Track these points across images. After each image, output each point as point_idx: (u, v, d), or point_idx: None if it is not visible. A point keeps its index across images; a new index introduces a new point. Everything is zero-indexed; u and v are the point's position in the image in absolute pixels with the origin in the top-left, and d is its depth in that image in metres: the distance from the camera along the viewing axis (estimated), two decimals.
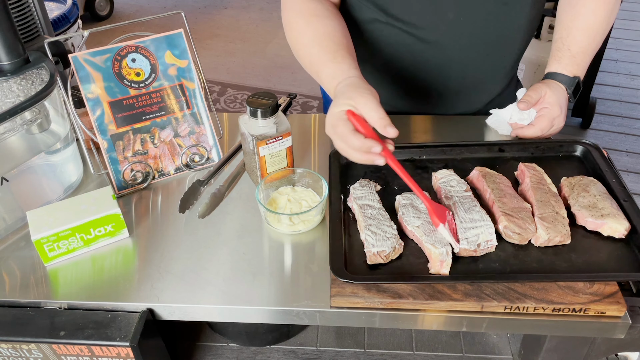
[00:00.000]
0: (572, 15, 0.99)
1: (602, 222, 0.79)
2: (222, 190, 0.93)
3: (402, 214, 0.82)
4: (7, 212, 0.86)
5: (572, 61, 0.99)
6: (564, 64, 1.00)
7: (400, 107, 0.80)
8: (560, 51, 1.00)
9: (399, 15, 0.98)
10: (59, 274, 0.80)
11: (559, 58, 1.00)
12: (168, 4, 4.47)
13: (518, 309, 0.71)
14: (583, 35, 0.98)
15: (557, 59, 1.00)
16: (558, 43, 1.01)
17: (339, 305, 0.73)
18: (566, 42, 0.99)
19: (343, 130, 0.77)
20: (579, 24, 0.98)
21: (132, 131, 0.94)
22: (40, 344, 0.72)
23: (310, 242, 0.84)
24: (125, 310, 0.75)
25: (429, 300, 0.71)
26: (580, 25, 0.98)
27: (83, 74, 0.88)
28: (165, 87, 0.94)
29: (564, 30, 1.00)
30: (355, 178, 0.91)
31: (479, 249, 0.76)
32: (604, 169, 0.89)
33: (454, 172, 0.89)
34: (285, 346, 1.03)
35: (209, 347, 1.03)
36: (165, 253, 0.82)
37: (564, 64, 1.00)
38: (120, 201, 0.90)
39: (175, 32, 0.93)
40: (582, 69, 1.00)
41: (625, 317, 0.71)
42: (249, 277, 0.78)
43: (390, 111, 1.13)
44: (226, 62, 3.57)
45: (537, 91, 0.98)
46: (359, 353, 1.01)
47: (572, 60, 0.99)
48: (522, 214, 0.80)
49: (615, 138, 2.71)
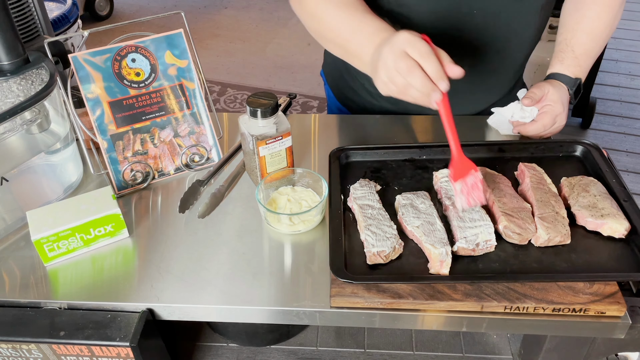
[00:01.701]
0: (577, 18, 1.00)
1: (602, 222, 0.79)
2: (222, 190, 0.93)
3: (401, 214, 0.82)
4: (7, 212, 0.86)
5: (574, 62, 1.00)
6: (567, 65, 1.01)
7: (405, 104, 0.80)
8: (564, 52, 1.01)
9: (414, 5, 0.96)
10: (58, 274, 0.80)
11: (561, 59, 1.01)
12: (168, 4, 4.47)
13: (518, 309, 0.71)
14: (587, 37, 1.00)
15: (560, 60, 1.01)
16: (562, 45, 1.02)
17: (339, 305, 0.73)
18: (570, 44, 1.00)
19: (422, 48, 0.73)
20: (583, 26, 0.99)
21: (132, 131, 0.94)
22: (40, 344, 0.72)
23: (310, 242, 0.84)
24: (125, 310, 0.75)
25: (429, 300, 0.71)
26: (584, 28, 0.99)
27: (83, 74, 0.88)
28: (165, 87, 0.94)
29: (568, 32, 1.01)
30: (355, 178, 0.91)
31: (478, 249, 0.76)
32: (604, 169, 0.89)
33: None
34: (285, 346, 1.03)
35: (209, 347, 1.03)
36: (165, 253, 0.82)
37: (567, 64, 1.01)
38: (120, 201, 0.90)
39: (175, 32, 0.93)
40: (584, 70, 1.01)
41: (625, 317, 0.71)
42: (249, 277, 0.78)
43: (394, 111, 1.14)
44: (226, 62, 3.57)
45: (540, 89, 0.99)
46: (359, 353, 1.01)
47: (575, 62, 1.00)
48: (522, 214, 0.80)
49: (615, 138, 2.71)
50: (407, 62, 0.74)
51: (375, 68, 0.80)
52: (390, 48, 0.76)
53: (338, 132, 1.09)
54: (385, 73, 0.77)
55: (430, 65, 0.73)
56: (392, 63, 0.76)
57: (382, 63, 0.77)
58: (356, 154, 0.97)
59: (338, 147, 0.97)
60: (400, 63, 0.74)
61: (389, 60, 0.76)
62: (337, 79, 1.21)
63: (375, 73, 0.80)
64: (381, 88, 0.81)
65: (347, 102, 1.21)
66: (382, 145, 0.98)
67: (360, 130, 1.10)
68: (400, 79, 0.76)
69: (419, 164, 0.96)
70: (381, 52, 0.78)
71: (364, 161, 0.96)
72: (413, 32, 0.76)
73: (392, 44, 0.76)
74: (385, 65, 0.77)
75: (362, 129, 1.11)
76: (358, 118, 1.14)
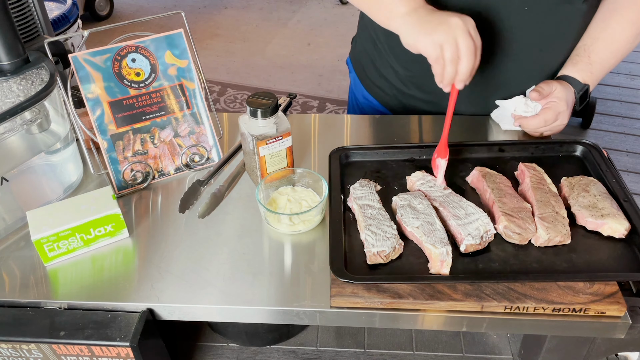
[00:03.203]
0: (601, 28, 1.00)
1: (602, 222, 0.79)
2: (222, 190, 0.93)
3: (400, 215, 0.82)
4: (7, 212, 0.86)
5: (587, 68, 1.00)
6: (579, 69, 1.01)
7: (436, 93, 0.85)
8: (579, 56, 1.01)
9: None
10: (59, 274, 0.80)
11: (575, 62, 1.01)
12: (168, 4, 4.47)
13: (518, 309, 0.71)
14: (606, 47, 1.00)
15: (574, 63, 1.02)
16: (580, 49, 1.02)
17: (339, 305, 0.73)
18: (588, 50, 1.01)
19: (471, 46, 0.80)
20: (605, 36, 0.99)
21: (132, 131, 0.94)
22: (40, 344, 0.72)
23: (310, 242, 0.84)
24: (125, 310, 0.75)
25: (429, 300, 0.71)
26: (606, 38, 1.00)
27: (83, 74, 0.88)
28: (165, 87, 0.94)
29: (589, 39, 1.01)
30: (355, 178, 0.91)
31: (483, 241, 0.77)
32: (604, 169, 0.89)
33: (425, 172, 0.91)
34: (285, 346, 1.03)
35: (209, 347, 1.03)
36: (165, 253, 0.82)
37: (579, 68, 1.01)
38: (120, 201, 0.90)
39: (175, 32, 0.93)
40: (595, 78, 1.01)
41: (625, 317, 0.71)
42: (249, 277, 0.78)
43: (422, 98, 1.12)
44: (226, 62, 3.57)
45: (549, 85, 1.00)
46: (359, 353, 1.01)
47: (588, 67, 1.00)
48: (522, 214, 0.80)
49: (615, 138, 2.71)
50: (452, 50, 0.80)
51: (419, 22, 0.84)
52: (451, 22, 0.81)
53: (338, 132, 1.09)
54: (430, 37, 0.82)
55: (465, 66, 0.81)
56: (440, 37, 0.81)
57: (432, 26, 0.82)
58: (356, 154, 0.97)
59: (338, 147, 0.97)
60: (447, 46, 0.80)
61: (440, 34, 0.81)
62: (366, 66, 1.21)
63: (416, 28, 0.84)
64: (410, 42, 0.85)
65: (374, 89, 1.21)
66: (382, 145, 0.98)
67: (360, 130, 1.10)
68: (436, 53, 0.81)
69: (419, 164, 0.96)
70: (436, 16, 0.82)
71: (364, 161, 0.96)
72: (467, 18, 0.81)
73: (453, 19, 0.81)
74: (433, 34, 0.81)
75: (362, 129, 1.11)
76: (358, 118, 1.14)
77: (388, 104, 1.20)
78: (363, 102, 1.25)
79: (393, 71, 1.13)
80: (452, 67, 0.82)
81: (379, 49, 1.14)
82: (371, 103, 1.23)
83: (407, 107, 1.16)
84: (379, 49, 1.14)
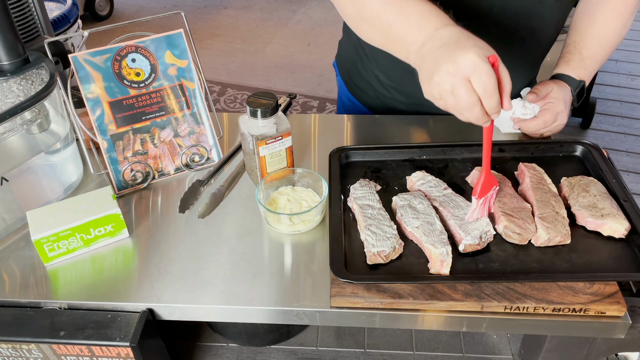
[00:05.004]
0: (588, 22, 1.01)
1: (602, 222, 0.79)
2: (222, 190, 0.93)
3: (400, 215, 0.82)
4: (7, 212, 0.86)
5: (580, 64, 1.01)
6: (572, 66, 1.01)
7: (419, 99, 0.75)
8: (571, 54, 1.02)
9: None
10: (59, 274, 0.80)
11: (568, 60, 1.02)
12: (168, 4, 4.47)
13: (518, 309, 0.71)
14: (596, 42, 1.00)
15: (567, 61, 1.02)
16: (570, 47, 1.02)
17: (339, 305, 0.73)
18: (578, 46, 1.01)
19: (488, 82, 0.66)
20: (593, 30, 1.00)
21: (132, 131, 0.94)
22: (40, 344, 0.72)
23: (310, 242, 0.84)
24: (125, 310, 0.75)
25: (429, 300, 0.71)
26: (594, 32, 1.00)
27: (83, 74, 0.88)
28: (165, 87, 0.94)
29: (577, 35, 1.02)
30: (355, 178, 0.91)
31: (482, 242, 0.77)
32: (604, 169, 0.89)
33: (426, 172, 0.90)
34: (285, 346, 1.03)
35: (209, 347, 1.03)
36: (165, 253, 0.82)
37: (572, 66, 1.01)
38: (120, 201, 0.90)
39: (175, 32, 0.93)
40: (589, 73, 1.02)
41: (625, 317, 0.71)
42: (249, 277, 0.78)
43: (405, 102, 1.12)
44: (226, 62, 3.57)
45: (545, 86, 1.00)
46: (359, 353, 1.01)
47: (581, 64, 1.01)
48: (522, 214, 0.80)
49: (615, 138, 2.71)
50: (469, 95, 0.68)
51: (427, 72, 0.72)
52: (452, 68, 0.68)
53: (338, 132, 1.09)
54: (438, 90, 0.71)
55: (491, 102, 0.68)
56: (448, 86, 0.69)
57: (437, 79, 0.70)
58: (356, 154, 0.97)
59: (338, 147, 0.97)
60: (462, 93, 0.68)
61: (446, 83, 0.69)
62: (350, 70, 1.21)
63: (427, 79, 0.72)
64: (426, 92, 0.74)
65: (358, 92, 1.21)
66: (382, 145, 0.98)
67: (360, 130, 1.10)
68: (453, 101, 0.70)
69: (419, 164, 0.96)
70: (439, 65, 0.69)
71: (364, 161, 0.96)
72: (481, 54, 0.67)
73: (456, 63, 0.67)
74: (440, 84, 0.70)
75: (362, 129, 1.11)
76: (358, 118, 1.14)
77: (372, 107, 1.20)
78: (348, 104, 1.26)
79: (374, 76, 1.14)
80: (469, 113, 0.70)
81: (361, 54, 1.14)
82: (356, 105, 1.23)
83: (390, 109, 1.17)
84: (360, 54, 1.14)
